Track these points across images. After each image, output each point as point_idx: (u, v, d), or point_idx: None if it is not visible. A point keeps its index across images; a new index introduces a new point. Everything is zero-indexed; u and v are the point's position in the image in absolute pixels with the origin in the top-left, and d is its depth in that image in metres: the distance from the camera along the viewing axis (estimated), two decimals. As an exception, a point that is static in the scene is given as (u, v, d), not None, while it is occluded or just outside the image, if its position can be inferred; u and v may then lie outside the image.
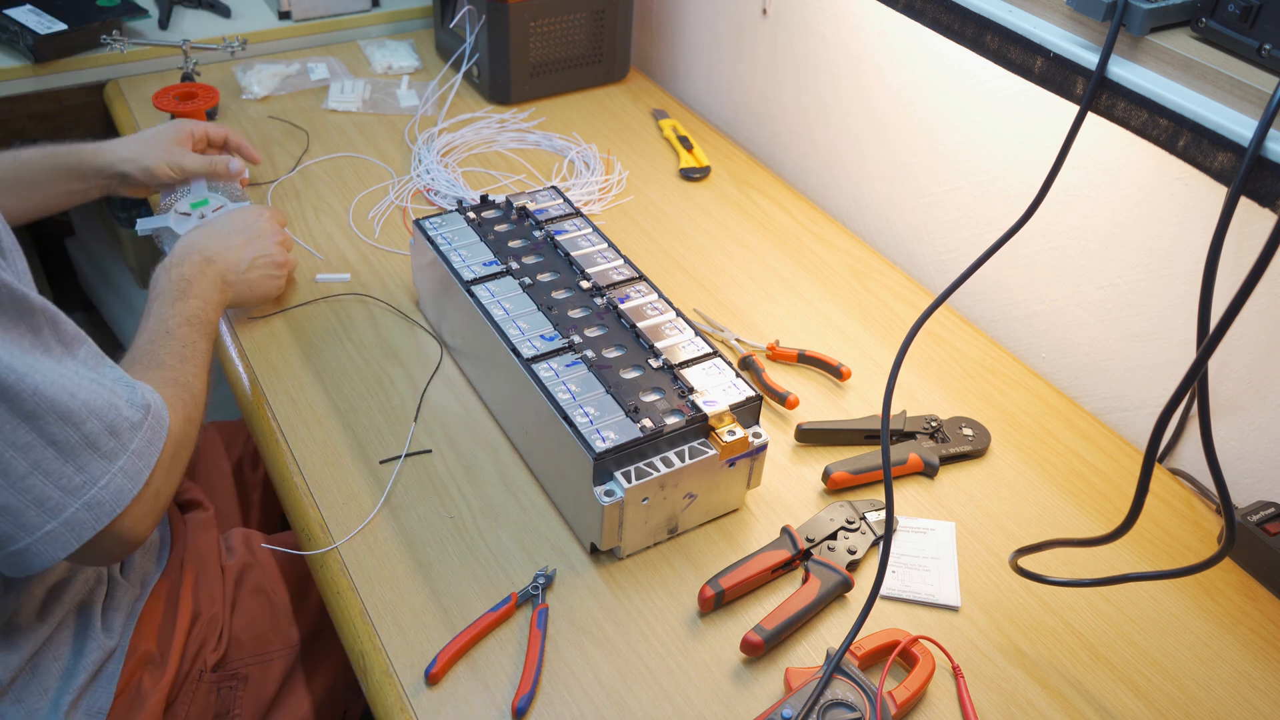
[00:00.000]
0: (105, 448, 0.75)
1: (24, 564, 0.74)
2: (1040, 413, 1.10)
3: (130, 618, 0.93)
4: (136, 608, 0.94)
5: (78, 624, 0.89)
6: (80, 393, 0.73)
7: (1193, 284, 1.01)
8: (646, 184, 1.43)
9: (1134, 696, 0.84)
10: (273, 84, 1.56)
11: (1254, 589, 0.94)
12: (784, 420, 1.07)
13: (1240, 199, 0.74)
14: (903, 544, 0.94)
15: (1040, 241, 1.15)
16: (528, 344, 0.95)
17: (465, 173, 1.41)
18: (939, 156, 1.25)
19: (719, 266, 1.28)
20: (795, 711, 0.77)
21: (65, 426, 0.72)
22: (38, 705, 0.85)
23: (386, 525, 0.92)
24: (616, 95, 1.64)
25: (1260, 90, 0.76)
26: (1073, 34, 0.88)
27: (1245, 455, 1.01)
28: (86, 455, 0.74)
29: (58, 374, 0.73)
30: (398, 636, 0.83)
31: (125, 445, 0.76)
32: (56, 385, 0.72)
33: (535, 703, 0.79)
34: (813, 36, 1.38)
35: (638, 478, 0.85)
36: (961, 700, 0.82)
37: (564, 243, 1.08)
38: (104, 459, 0.75)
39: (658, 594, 0.88)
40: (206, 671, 0.97)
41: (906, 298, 1.25)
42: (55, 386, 0.72)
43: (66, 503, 0.73)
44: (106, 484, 0.75)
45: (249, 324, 1.12)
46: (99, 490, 0.75)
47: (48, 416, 0.71)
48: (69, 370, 0.74)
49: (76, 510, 0.74)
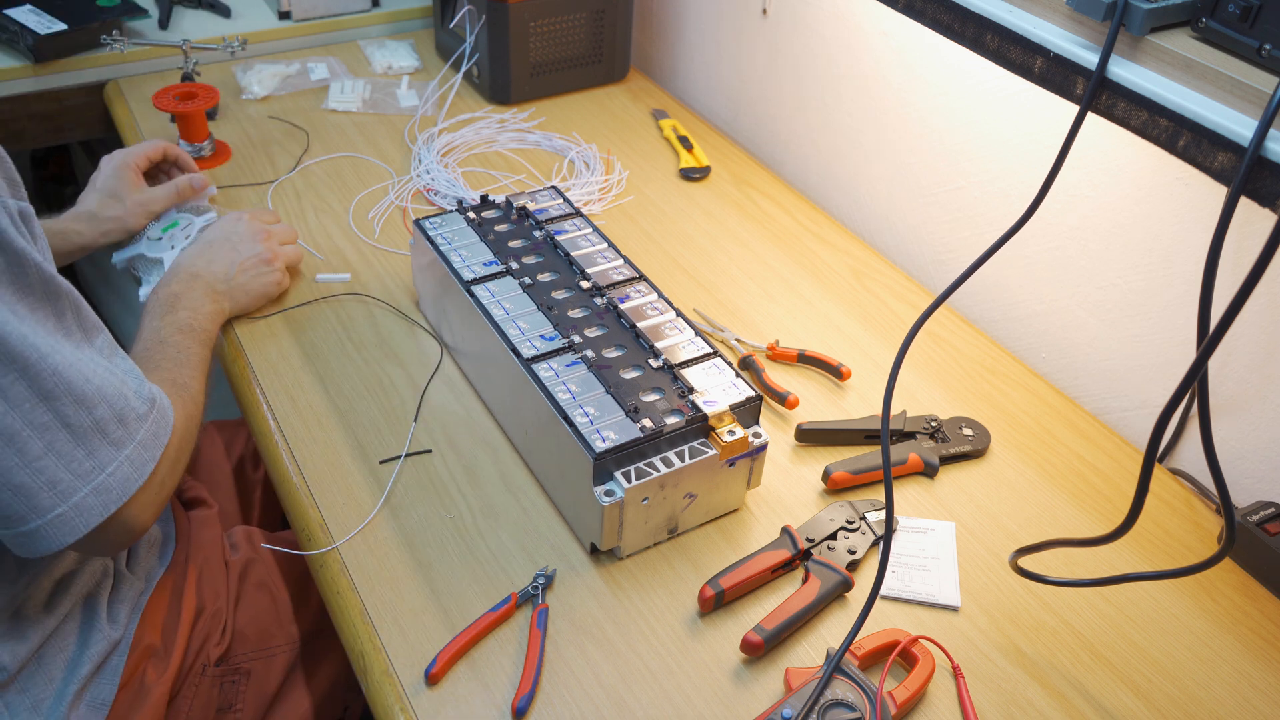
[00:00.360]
0: (114, 435, 0.76)
1: (32, 545, 0.75)
2: (1040, 413, 1.10)
3: (135, 611, 0.94)
4: (141, 601, 0.95)
5: (83, 616, 0.90)
6: (95, 378, 0.75)
7: (1193, 284, 1.01)
8: (646, 184, 1.43)
9: (1134, 696, 0.84)
10: (273, 84, 1.56)
11: (1254, 589, 0.94)
12: (784, 420, 1.07)
13: (1240, 199, 0.74)
14: (903, 544, 0.94)
15: (1040, 241, 1.15)
16: (528, 344, 0.95)
17: (465, 173, 1.41)
18: (939, 156, 1.25)
19: (719, 266, 1.28)
20: (795, 711, 0.77)
21: (80, 410, 0.74)
22: (43, 695, 0.86)
23: (386, 525, 0.92)
24: (616, 95, 1.64)
25: (1260, 90, 0.76)
26: (1073, 34, 0.88)
27: (1245, 455, 1.01)
28: (96, 441, 0.75)
29: (76, 358, 0.74)
30: (398, 636, 0.83)
31: (132, 435, 0.78)
32: (74, 369, 0.74)
33: (535, 703, 0.79)
34: (813, 36, 1.38)
35: (638, 478, 0.85)
36: (961, 700, 0.82)
37: (564, 243, 1.08)
38: (112, 446, 0.76)
39: (658, 594, 0.88)
40: (210, 665, 0.97)
41: (906, 298, 1.25)
42: (73, 369, 0.73)
43: (76, 486, 0.74)
44: (114, 471, 0.76)
45: (249, 324, 1.12)
46: (107, 477, 0.76)
47: (64, 398, 0.73)
48: (86, 356, 0.76)
49: (85, 495, 0.75)
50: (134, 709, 0.91)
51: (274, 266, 1.13)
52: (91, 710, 0.89)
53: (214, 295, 1.07)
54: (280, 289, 1.15)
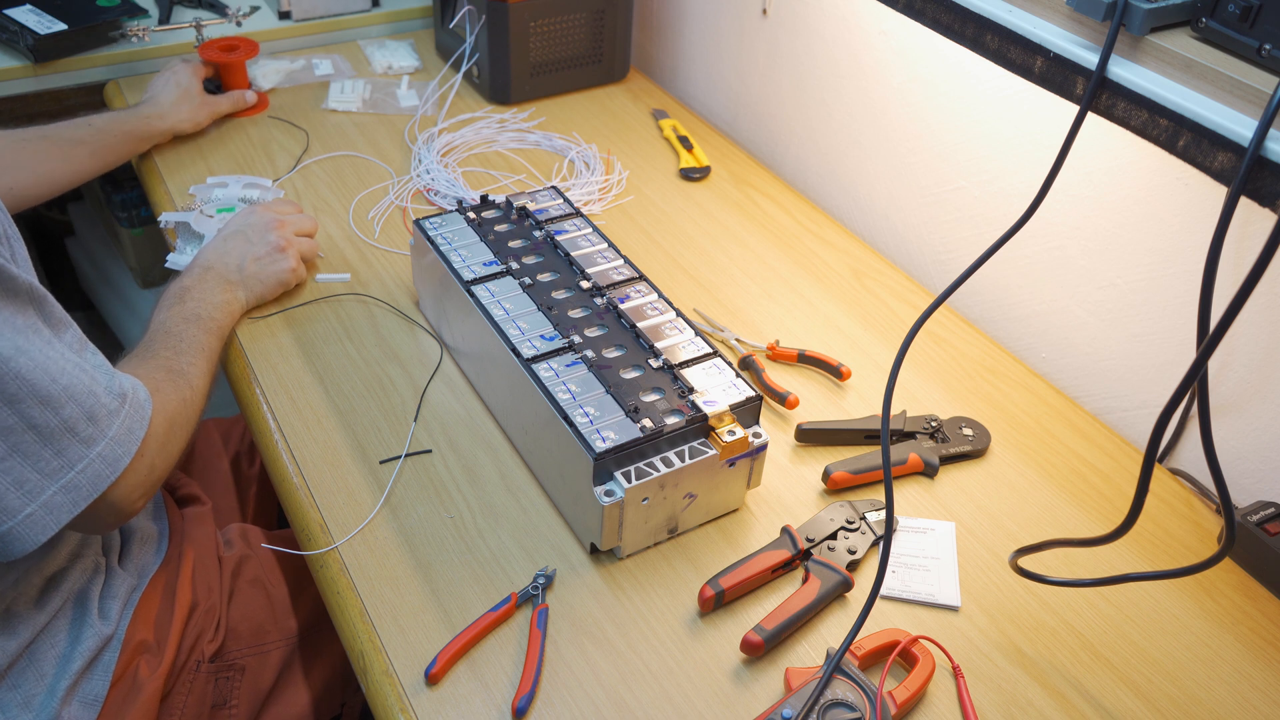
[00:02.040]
0: (84, 433, 0.76)
1: (6, 549, 0.75)
2: (1040, 413, 1.10)
3: (127, 607, 0.94)
4: (134, 597, 0.95)
5: (75, 612, 0.90)
6: (62, 377, 0.74)
7: (1193, 284, 1.01)
8: (646, 184, 1.43)
9: (1134, 696, 0.84)
10: (277, 78, 1.57)
11: (1254, 589, 0.94)
12: (784, 420, 1.07)
13: (1240, 199, 0.74)
14: (903, 544, 0.94)
15: (1040, 241, 1.15)
16: (528, 344, 0.95)
17: (465, 173, 1.41)
18: (939, 156, 1.25)
19: (719, 266, 1.28)
20: (795, 711, 0.77)
21: (45, 410, 0.73)
22: (34, 691, 0.86)
23: (386, 525, 0.92)
24: (616, 95, 1.64)
25: (1260, 90, 0.76)
26: (1073, 34, 0.88)
27: (1245, 455, 1.01)
28: (65, 440, 0.75)
29: (43, 357, 0.73)
30: (398, 636, 0.83)
31: (104, 431, 0.77)
32: (40, 369, 0.73)
33: (535, 703, 0.79)
34: (813, 36, 1.38)
35: (638, 478, 0.85)
36: (961, 700, 0.82)
37: (564, 243, 1.08)
38: (82, 444, 0.76)
39: (658, 594, 0.88)
40: (204, 662, 0.97)
41: (906, 298, 1.25)
42: (39, 370, 0.73)
43: (44, 486, 0.74)
44: (84, 469, 0.76)
45: (249, 324, 1.12)
46: (76, 474, 0.76)
47: (29, 400, 0.72)
48: (55, 354, 0.75)
49: (54, 493, 0.75)
50: (127, 705, 0.91)
51: (286, 254, 1.13)
52: (84, 707, 0.88)
53: (226, 285, 1.07)
54: (296, 277, 1.14)
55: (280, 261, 1.12)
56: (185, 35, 1.57)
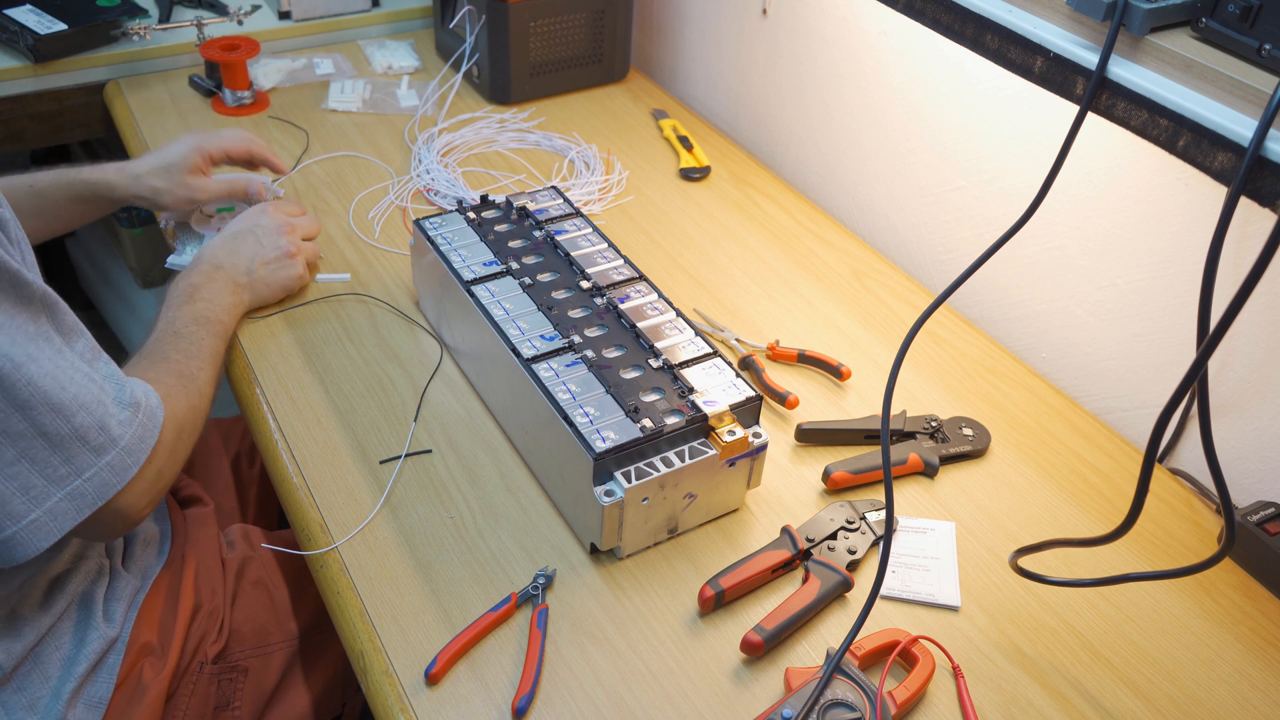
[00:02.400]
0: (95, 441, 0.76)
1: (10, 553, 0.75)
2: (1040, 413, 1.10)
3: (131, 609, 0.94)
4: (137, 599, 0.95)
5: (79, 614, 0.90)
6: (71, 386, 0.75)
7: (1193, 284, 1.01)
8: (646, 184, 1.43)
9: (1134, 696, 0.84)
10: (278, 77, 1.57)
11: (1254, 589, 0.94)
12: (784, 420, 1.07)
13: (1240, 199, 0.74)
14: (903, 544, 0.94)
15: (1040, 241, 1.15)
16: (528, 344, 0.95)
17: (465, 173, 1.41)
18: (939, 156, 1.25)
19: (719, 266, 1.28)
20: (795, 711, 0.77)
21: (56, 418, 0.74)
22: (39, 694, 0.86)
23: (386, 525, 0.92)
24: (616, 95, 1.64)
25: (1260, 90, 0.76)
26: (1073, 34, 0.88)
27: (1245, 455, 1.01)
28: (75, 447, 0.75)
29: (54, 365, 0.74)
30: (398, 636, 0.83)
31: (115, 440, 0.78)
32: (50, 377, 0.73)
33: (535, 703, 0.79)
34: (813, 36, 1.38)
35: (638, 478, 0.85)
36: (961, 700, 0.82)
37: (564, 243, 1.08)
38: (92, 453, 0.76)
39: (658, 594, 0.88)
40: (207, 663, 0.97)
41: (906, 298, 1.25)
42: (49, 378, 0.73)
43: (50, 492, 0.74)
44: (92, 476, 0.76)
45: (250, 324, 1.12)
46: (83, 482, 0.76)
47: (40, 407, 0.73)
48: (65, 362, 0.75)
49: (59, 500, 0.75)
50: (131, 707, 0.91)
51: (296, 261, 1.13)
52: (88, 709, 0.89)
53: (234, 288, 1.07)
54: (301, 284, 1.15)
55: (289, 268, 1.12)
56: (186, 34, 1.57)
